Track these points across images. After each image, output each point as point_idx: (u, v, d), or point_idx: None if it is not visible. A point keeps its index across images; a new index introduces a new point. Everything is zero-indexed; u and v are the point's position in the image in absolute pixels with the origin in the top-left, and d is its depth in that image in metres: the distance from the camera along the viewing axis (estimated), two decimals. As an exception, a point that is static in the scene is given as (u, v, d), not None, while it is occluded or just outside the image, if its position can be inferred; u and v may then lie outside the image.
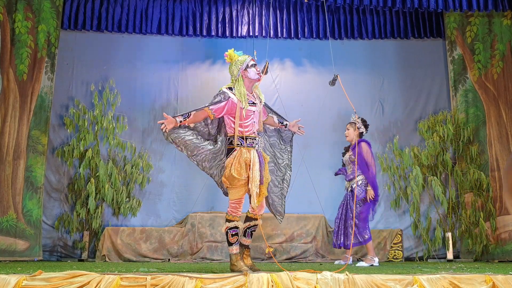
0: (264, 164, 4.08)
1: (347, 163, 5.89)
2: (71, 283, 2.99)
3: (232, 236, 4.00)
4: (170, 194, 7.23)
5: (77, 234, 6.78)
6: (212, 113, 4.02)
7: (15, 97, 6.40)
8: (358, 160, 5.61)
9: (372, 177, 5.67)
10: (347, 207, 5.77)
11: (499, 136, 6.79)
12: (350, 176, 5.79)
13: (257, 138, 4.09)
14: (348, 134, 5.85)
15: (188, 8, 7.46)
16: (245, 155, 3.99)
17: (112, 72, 7.35)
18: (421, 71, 7.68)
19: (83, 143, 6.78)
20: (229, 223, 4.01)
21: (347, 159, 5.87)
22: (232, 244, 4.01)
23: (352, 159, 5.72)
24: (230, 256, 4.04)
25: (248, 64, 4.09)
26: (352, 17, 7.63)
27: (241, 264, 3.96)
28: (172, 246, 6.65)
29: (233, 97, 4.05)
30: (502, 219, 6.60)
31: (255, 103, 4.11)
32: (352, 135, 5.82)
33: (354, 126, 5.81)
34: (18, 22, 6.53)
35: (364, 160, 5.66)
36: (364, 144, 5.75)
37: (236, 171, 3.94)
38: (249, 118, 4.06)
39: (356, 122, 5.82)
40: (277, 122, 4.39)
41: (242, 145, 4.02)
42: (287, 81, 7.65)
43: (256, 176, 3.93)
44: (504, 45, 6.96)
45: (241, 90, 4.05)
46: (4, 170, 6.18)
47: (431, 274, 3.24)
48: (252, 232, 4.18)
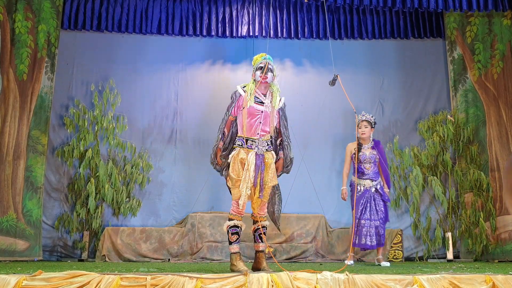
0: (264, 167, 3.98)
1: (366, 161, 5.69)
2: (71, 283, 2.99)
3: (232, 234, 3.99)
4: (170, 194, 7.23)
5: (77, 234, 6.78)
6: (233, 116, 4.15)
7: (15, 97, 6.40)
8: (381, 160, 5.66)
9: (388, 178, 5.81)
10: (371, 207, 5.60)
11: (499, 136, 6.79)
12: (375, 176, 5.68)
13: (258, 141, 4.02)
14: (367, 132, 5.74)
15: (188, 8, 7.46)
16: (242, 155, 3.99)
17: (112, 72, 7.35)
18: (421, 71, 7.68)
19: (83, 143, 6.78)
20: (229, 222, 4.02)
21: (369, 157, 5.69)
22: (231, 242, 4.00)
23: (376, 158, 5.68)
24: (230, 255, 4.03)
25: (257, 66, 4.15)
26: (352, 17, 7.63)
27: (241, 264, 3.95)
28: (172, 246, 6.65)
29: (243, 93, 4.13)
30: (502, 219, 6.59)
31: (263, 102, 4.09)
32: (369, 133, 5.75)
33: (370, 124, 5.76)
34: (18, 22, 6.53)
35: (386, 161, 5.73)
36: (381, 145, 5.86)
37: (234, 171, 3.97)
38: (255, 117, 4.04)
39: (370, 120, 5.77)
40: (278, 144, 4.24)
41: (242, 146, 4.02)
42: (287, 81, 7.64)
43: (248, 177, 3.90)
44: (504, 45, 6.96)
45: (250, 86, 4.11)
46: (4, 170, 6.18)
47: (431, 274, 3.23)
48: (260, 235, 4.09)
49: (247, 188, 3.90)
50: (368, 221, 5.57)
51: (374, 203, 5.61)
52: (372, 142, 5.77)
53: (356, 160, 5.64)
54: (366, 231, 5.53)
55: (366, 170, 5.68)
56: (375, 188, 5.64)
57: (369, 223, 5.56)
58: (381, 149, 5.77)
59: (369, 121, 5.76)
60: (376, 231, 5.53)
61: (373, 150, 5.72)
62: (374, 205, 5.60)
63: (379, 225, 5.54)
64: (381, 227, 5.55)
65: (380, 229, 5.54)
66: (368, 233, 5.53)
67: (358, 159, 5.66)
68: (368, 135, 5.75)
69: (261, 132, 4.05)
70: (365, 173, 5.69)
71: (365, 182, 5.70)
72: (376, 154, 5.69)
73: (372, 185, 5.65)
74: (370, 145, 5.75)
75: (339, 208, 7.14)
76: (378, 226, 5.53)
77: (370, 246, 5.55)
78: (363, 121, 5.76)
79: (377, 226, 5.53)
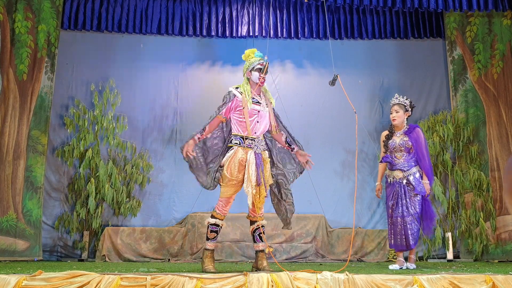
0: (263, 165, 4.03)
1: (397, 150, 5.01)
2: (71, 283, 2.99)
3: (211, 232, 4.08)
4: (170, 194, 7.23)
5: (77, 234, 6.78)
6: (223, 117, 4.11)
7: (15, 97, 6.40)
8: (416, 148, 4.93)
9: (430, 168, 4.99)
10: (402, 202, 4.90)
11: (499, 136, 6.80)
12: (406, 166, 4.95)
13: (257, 140, 4.07)
14: (398, 117, 5.06)
15: (188, 8, 7.46)
16: (241, 155, 3.99)
17: (112, 72, 7.35)
18: (421, 71, 7.68)
19: (83, 143, 6.78)
20: (211, 219, 4.09)
21: (398, 145, 5.00)
22: (209, 239, 4.09)
23: (408, 145, 4.95)
24: (203, 251, 4.13)
25: (254, 67, 4.15)
26: (352, 17, 7.63)
27: (207, 262, 4.02)
28: (172, 246, 6.65)
29: (238, 95, 4.11)
30: (502, 219, 6.60)
31: (260, 102, 4.12)
32: (402, 118, 5.07)
33: (403, 108, 5.08)
34: (18, 22, 6.53)
35: (422, 148, 4.95)
36: (420, 130, 5.08)
37: (229, 171, 3.98)
38: (252, 116, 4.07)
39: (405, 103, 5.11)
40: (284, 141, 4.26)
41: (240, 145, 4.03)
42: (287, 81, 7.64)
43: (251, 176, 3.93)
44: (504, 45, 6.97)
45: (246, 87, 4.10)
46: (4, 170, 6.18)
47: (431, 274, 3.24)
48: (260, 235, 4.13)
49: (252, 187, 3.92)
50: (401, 218, 4.88)
51: (405, 197, 4.90)
52: (406, 128, 5.08)
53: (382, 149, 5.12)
54: (398, 229, 4.87)
55: (396, 160, 5.00)
56: (406, 180, 4.92)
57: (401, 221, 4.88)
58: (415, 134, 4.99)
59: (403, 104, 5.10)
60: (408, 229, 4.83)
61: (406, 136, 5.01)
62: (405, 199, 4.89)
63: (410, 222, 4.84)
64: (413, 224, 4.84)
65: (412, 228, 4.83)
66: (400, 232, 4.87)
67: (387, 147, 5.08)
68: (400, 121, 5.06)
69: (259, 132, 4.09)
70: (395, 163, 5.00)
71: (395, 173, 5.00)
72: (407, 140, 4.97)
73: (402, 176, 4.94)
74: (403, 131, 5.06)
75: (339, 208, 7.16)
76: (409, 224, 4.84)
77: (401, 247, 4.89)
78: (394, 105, 5.13)
79: (408, 224, 4.84)
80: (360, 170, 7.37)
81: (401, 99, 5.12)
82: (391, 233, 4.94)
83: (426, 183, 4.89)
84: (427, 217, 4.90)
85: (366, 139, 7.46)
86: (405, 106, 5.09)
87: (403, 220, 4.85)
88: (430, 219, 4.92)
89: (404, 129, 5.07)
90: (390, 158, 5.04)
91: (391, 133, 5.12)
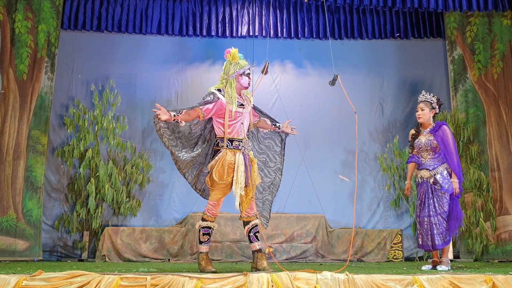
0: (251, 166, 4.06)
1: (423, 149, 4.92)
2: (71, 283, 2.99)
3: (203, 235, 4.10)
4: (170, 194, 7.23)
5: (77, 234, 6.78)
6: (202, 113, 3.99)
7: (15, 97, 6.40)
8: (442, 146, 4.83)
9: (458, 166, 4.87)
10: (429, 202, 4.82)
11: (499, 136, 6.80)
12: (432, 165, 4.86)
13: (244, 140, 4.07)
14: (423, 115, 4.94)
15: (188, 8, 7.46)
16: (230, 158, 3.99)
17: (112, 72, 7.35)
18: (421, 71, 7.69)
19: (83, 143, 6.78)
20: (202, 222, 4.11)
21: (424, 144, 4.90)
22: (202, 242, 4.11)
23: (434, 144, 4.85)
24: (198, 254, 4.15)
25: (245, 71, 4.13)
26: (352, 17, 7.63)
27: (205, 264, 4.04)
28: (172, 246, 6.65)
29: (222, 99, 4.05)
30: (502, 219, 6.60)
31: (243, 104, 4.13)
32: (428, 116, 4.94)
33: (429, 106, 4.95)
34: (18, 22, 6.53)
35: (448, 147, 4.84)
36: (447, 127, 4.93)
37: (218, 174, 3.96)
38: (237, 119, 4.07)
39: (431, 101, 4.98)
40: (270, 124, 4.38)
41: (228, 147, 4.03)
42: (287, 81, 7.64)
43: (240, 178, 3.94)
44: (504, 45, 6.97)
45: (231, 92, 4.06)
46: (4, 170, 6.18)
47: (431, 274, 3.24)
48: (255, 234, 4.14)
49: (241, 189, 3.93)
50: (427, 218, 4.80)
51: (432, 196, 4.81)
52: (433, 126, 4.94)
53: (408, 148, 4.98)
54: (425, 229, 4.79)
55: (423, 159, 4.93)
56: (434, 179, 4.82)
57: (427, 221, 4.80)
58: (441, 132, 4.86)
59: (429, 102, 4.97)
60: (435, 229, 4.73)
61: (431, 135, 4.90)
62: (433, 198, 4.81)
63: (437, 222, 4.73)
64: (439, 224, 4.73)
65: (438, 227, 4.72)
66: (426, 232, 4.78)
67: (413, 147, 5.01)
68: (426, 119, 4.93)
69: (244, 133, 4.10)
70: (422, 162, 4.93)
71: (422, 173, 4.92)
72: (433, 139, 4.86)
73: (429, 175, 4.86)
74: (429, 130, 4.94)
75: (339, 208, 7.16)
76: (436, 224, 4.73)
77: (427, 247, 4.80)
78: (420, 102, 5.02)
79: (434, 224, 4.74)
80: (360, 170, 7.37)
81: (428, 96, 5.01)
82: (419, 233, 4.87)
83: (455, 182, 4.80)
84: (453, 217, 4.79)
85: (366, 139, 7.47)
86: (431, 103, 4.97)
87: (429, 220, 4.77)
88: (456, 218, 4.81)
89: (430, 128, 4.95)
90: (416, 157, 4.98)
91: (418, 132, 5.02)
